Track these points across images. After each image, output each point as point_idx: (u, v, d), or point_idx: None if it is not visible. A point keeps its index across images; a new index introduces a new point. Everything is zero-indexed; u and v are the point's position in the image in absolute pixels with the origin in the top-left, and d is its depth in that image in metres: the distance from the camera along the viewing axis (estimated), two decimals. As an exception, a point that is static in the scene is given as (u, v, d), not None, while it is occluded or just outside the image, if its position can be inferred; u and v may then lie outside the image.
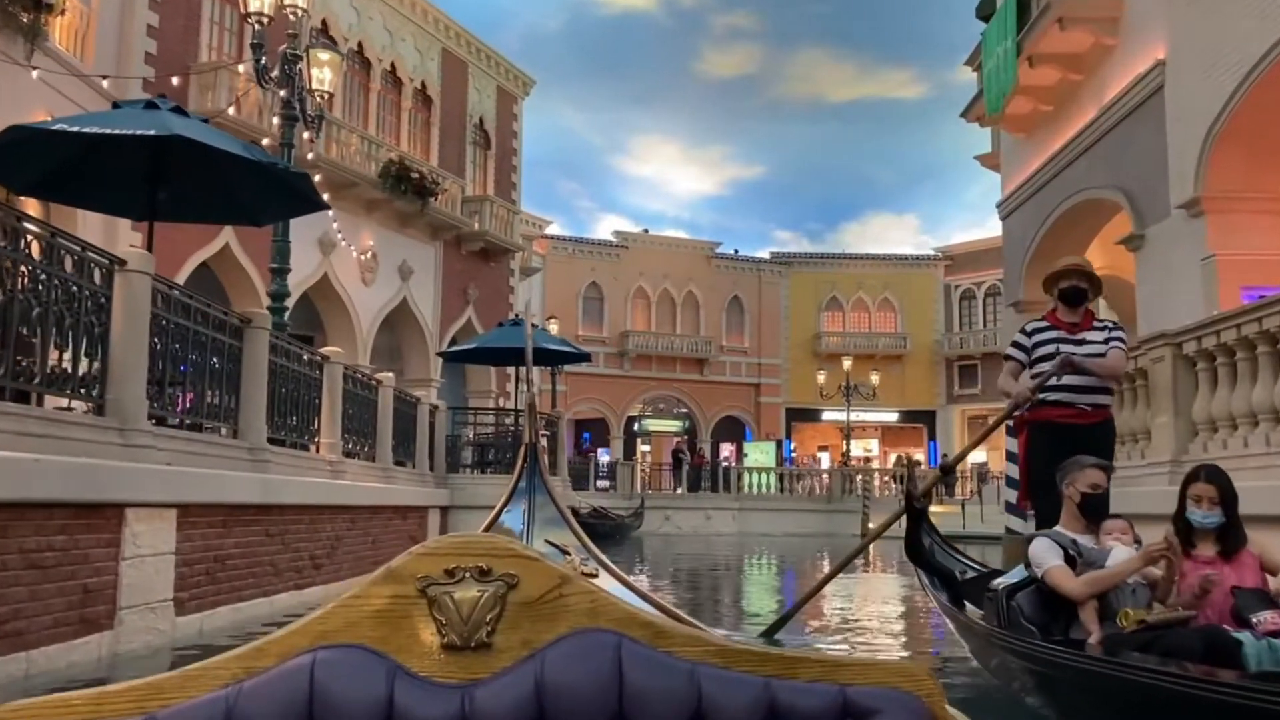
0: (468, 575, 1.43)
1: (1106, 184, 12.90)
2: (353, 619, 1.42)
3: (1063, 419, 5.01)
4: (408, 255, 22.61)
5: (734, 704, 1.42)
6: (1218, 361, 7.95)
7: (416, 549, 1.47)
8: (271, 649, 1.42)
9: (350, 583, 10.80)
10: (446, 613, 1.41)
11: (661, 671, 1.42)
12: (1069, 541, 3.81)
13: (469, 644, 1.42)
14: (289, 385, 9.34)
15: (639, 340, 40.26)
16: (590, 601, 1.46)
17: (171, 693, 1.39)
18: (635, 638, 1.45)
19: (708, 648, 1.47)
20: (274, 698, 1.37)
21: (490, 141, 26.24)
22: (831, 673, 1.46)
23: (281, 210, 8.52)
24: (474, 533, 1.63)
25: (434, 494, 14.43)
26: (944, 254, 45.78)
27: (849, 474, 35.34)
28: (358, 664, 1.39)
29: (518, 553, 1.46)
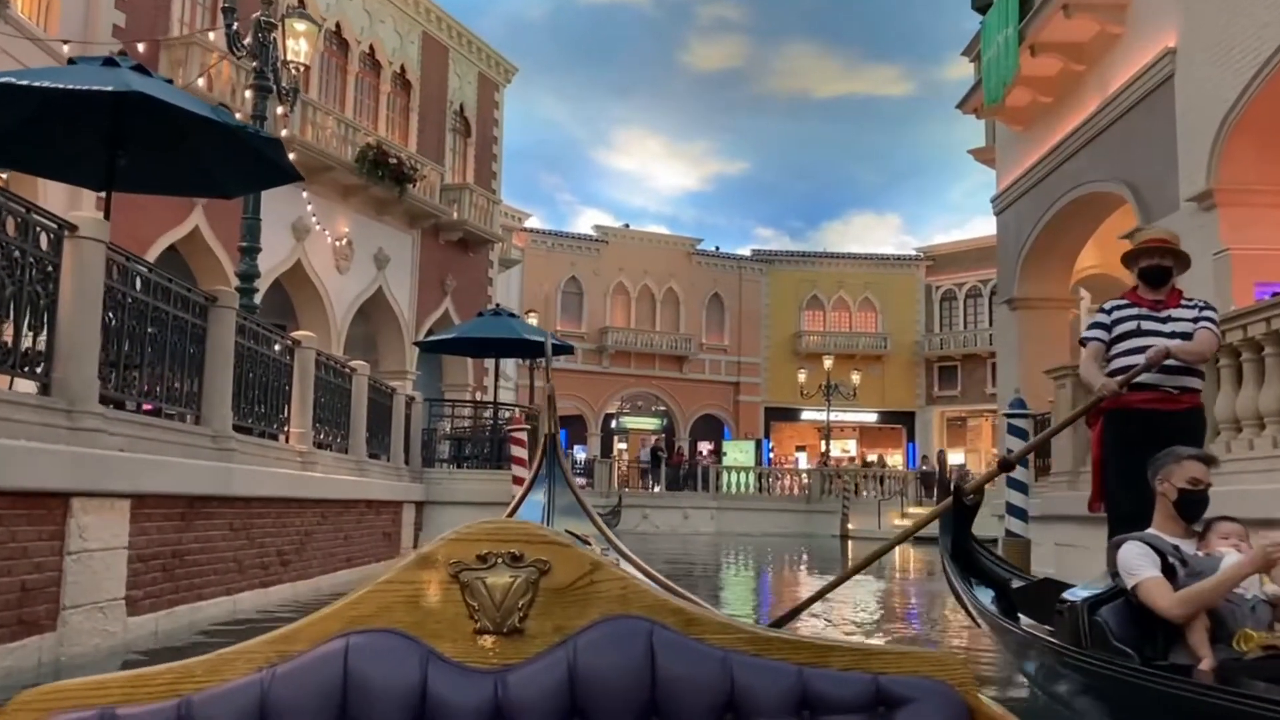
0: (500, 561, 1.42)
1: (1109, 177, 12.52)
2: (386, 603, 1.42)
3: (1146, 405, 4.48)
4: (384, 243, 22.00)
5: (767, 692, 1.40)
6: (1222, 364, 7.60)
7: (450, 534, 1.46)
8: (304, 633, 1.41)
9: (321, 580, 10.27)
10: (479, 598, 1.41)
11: (693, 658, 1.41)
12: (1169, 548, 3.25)
13: (501, 629, 1.42)
14: (257, 370, 8.78)
15: (618, 336, 39.76)
16: (621, 588, 1.45)
17: (204, 676, 1.38)
18: (667, 624, 1.43)
19: (739, 635, 1.46)
20: (308, 682, 1.36)
21: (471, 129, 25.64)
22: (864, 661, 1.45)
23: (251, 181, 7.95)
24: (505, 519, 1.64)
25: (410, 489, 13.87)
26: (925, 254, 45.58)
27: (829, 474, 35.01)
28: (391, 649, 1.39)
29: (550, 539, 1.46)
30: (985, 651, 7.30)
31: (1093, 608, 3.22)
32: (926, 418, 44.10)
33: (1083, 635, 3.24)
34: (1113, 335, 4.70)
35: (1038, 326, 15.38)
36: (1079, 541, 9.69)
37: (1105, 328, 4.76)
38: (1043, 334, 15.33)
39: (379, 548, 12.29)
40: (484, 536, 1.45)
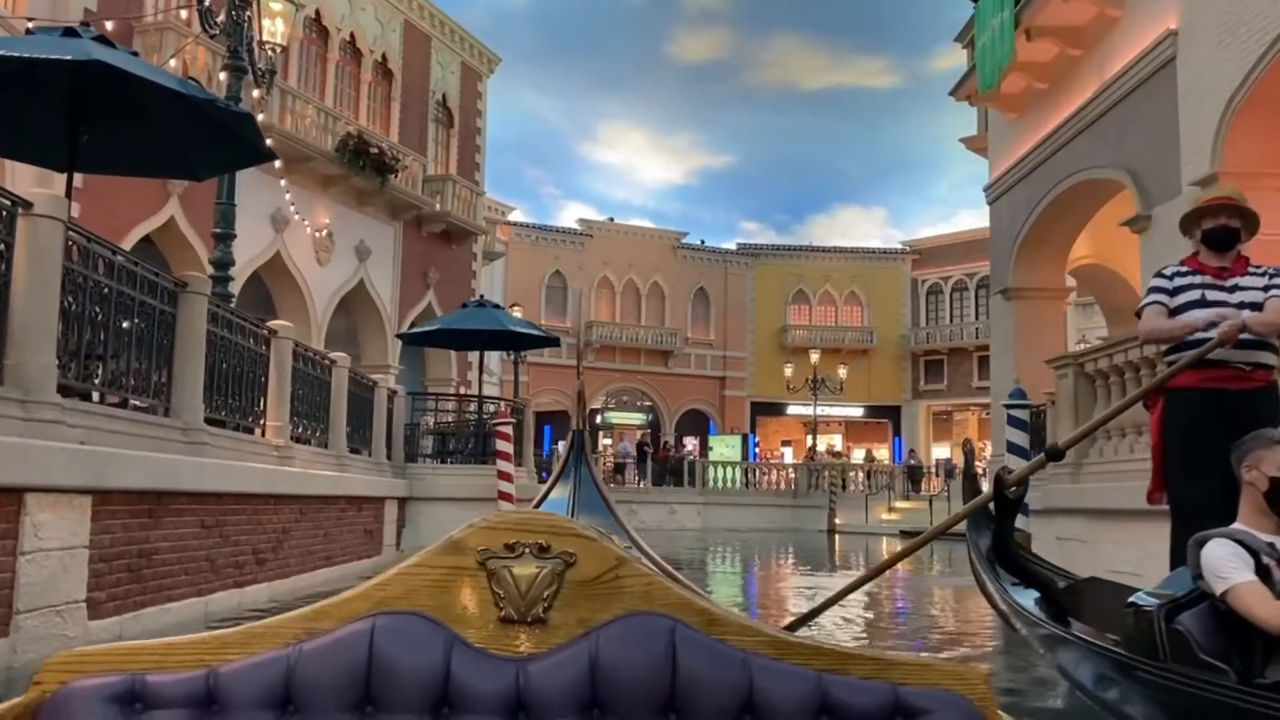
0: (527, 551, 1.43)
1: (1107, 163, 12.26)
2: (412, 586, 1.43)
3: (1214, 384, 4.00)
4: (365, 235, 21.57)
5: (786, 696, 1.40)
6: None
7: (479, 521, 1.47)
8: (332, 612, 1.43)
9: (299, 580, 9.90)
10: (505, 586, 1.42)
11: (714, 659, 1.41)
12: (1263, 546, 2.84)
13: (525, 618, 1.42)
14: (231, 360, 8.40)
15: (603, 331, 39.39)
16: (646, 585, 1.45)
17: (235, 648, 1.40)
18: (689, 623, 1.44)
19: (761, 638, 1.46)
20: (334, 659, 1.38)
21: (453, 120, 25.22)
22: (884, 670, 1.44)
23: (222, 160, 7.56)
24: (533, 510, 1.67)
25: (392, 484, 13.50)
26: (911, 248, 45.40)
27: (815, 469, 34.78)
28: (416, 631, 1.40)
29: (577, 532, 1.46)
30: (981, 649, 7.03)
31: (1170, 615, 2.83)
32: (912, 412, 43.95)
33: (1160, 646, 2.85)
34: (1174, 305, 4.23)
35: (1032, 317, 15.13)
36: (1082, 536, 9.43)
37: (1167, 293, 4.28)
38: (1037, 324, 15.08)
39: (360, 545, 11.93)
40: (512, 526, 1.45)
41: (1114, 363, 9.06)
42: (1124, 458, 8.85)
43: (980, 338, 42.05)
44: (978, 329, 42.38)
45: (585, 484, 4.12)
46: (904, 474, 36.19)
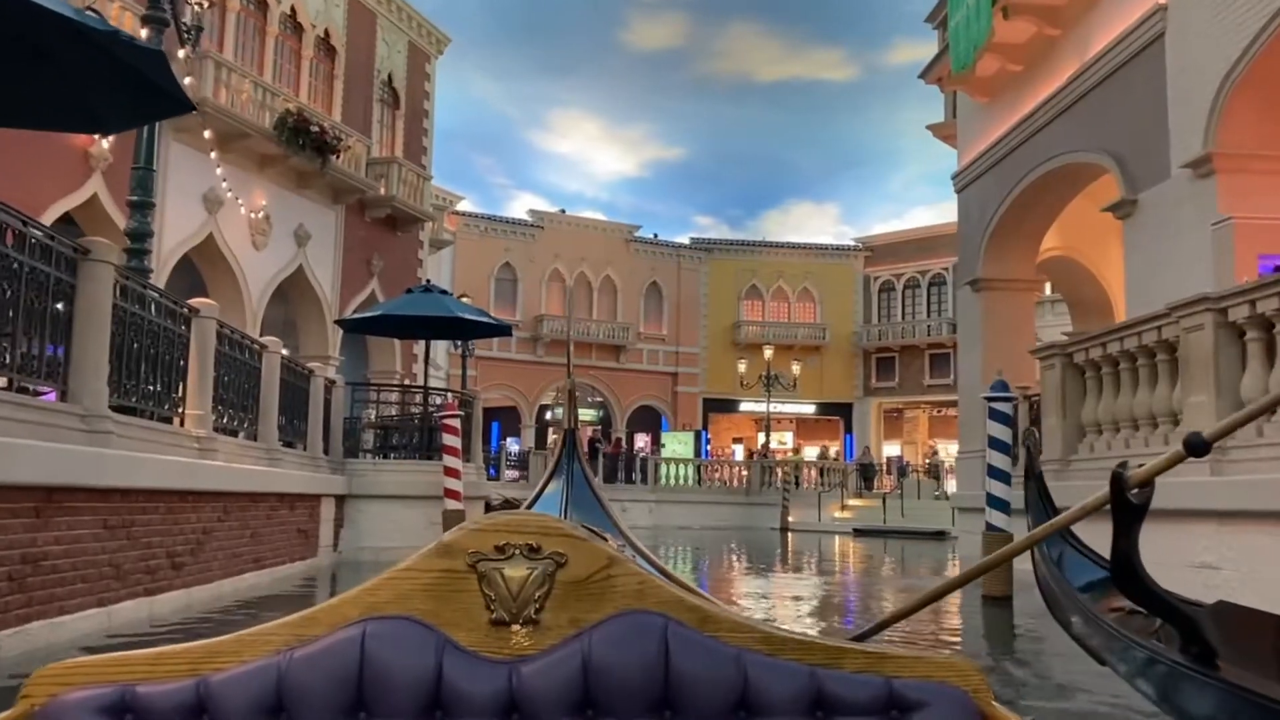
0: (518, 552, 1.42)
1: (1089, 147, 11.74)
2: (403, 591, 1.42)
3: None
4: (305, 218, 20.51)
5: (780, 691, 1.40)
6: (1249, 336, 6.78)
7: (469, 524, 1.45)
8: (322, 618, 1.41)
9: (223, 585, 9.00)
10: (496, 588, 1.41)
11: (707, 656, 1.41)
12: None
13: (517, 620, 1.41)
14: (144, 340, 7.49)
15: (554, 325, 38.54)
16: (638, 583, 1.45)
17: (225, 656, 1.39)
18: (682, 621, 1.43)
19: (753, 634, 1.45)
20: (325, 665, 1.37)
21: (400, 101, 24.20)
22: (877, 664, 1.44)
23: (133, 110, 6.63)
24: (524, 511, 1.68)
25: (329, 480, 12.59)
26: (864, 245, 45.16)
27: (768, 466, 34.28)
28: (408, 635, 1.39)
29: (567, 532, 1.46)
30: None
31: None
32: (864, 409, 43.71)
33: None
34: None
35: (1002, 308, 14.62)
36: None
37: None
38: (1007, 316, 14.58)
39: (294, 546, 11.03)
40: (502, 528, 1.44)
41: (1107, 352, 8.49)
42: (1119, 453, 8.28)
43: (932, 335, 41.98)
44: (929, 326, 42.28)
45: (578, 482, 4.06)
46: (856, 471, 35.86)
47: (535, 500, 4.14)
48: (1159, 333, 7.71)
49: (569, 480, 4.12)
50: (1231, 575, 6.77)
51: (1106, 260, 17.43)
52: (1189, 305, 7.23)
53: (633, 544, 3.74)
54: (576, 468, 4.18)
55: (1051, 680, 6.38)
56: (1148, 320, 7.87)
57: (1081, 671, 6.83)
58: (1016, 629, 8.86)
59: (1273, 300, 6.60)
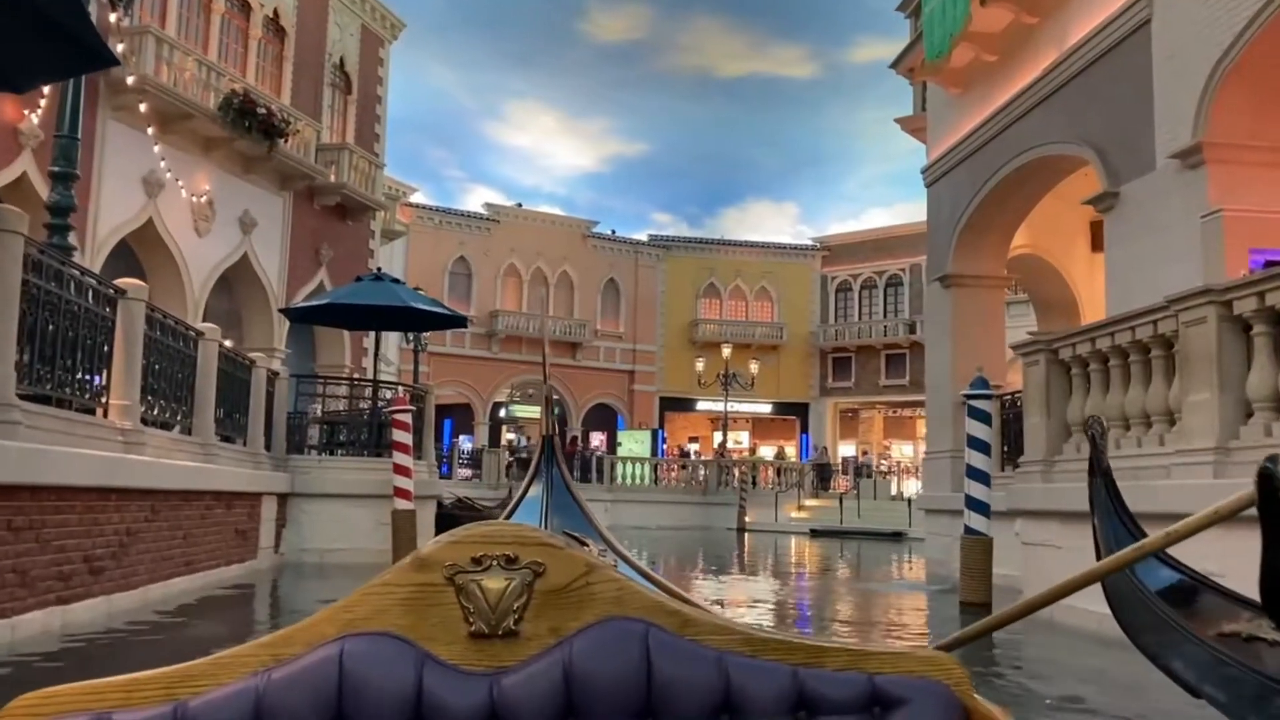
0: (495, 563, 1.41)
1: (1068, 138, 11.39)
2: (380, 606, 1.40)
3: None
4: (251, 205, 19.68)
5: (762, 693, 1.40)
6: (1255, 331, 6.39)
7: (445, 537, 1.43)
8: (299, 636, 1.39)
9: (150, 591, 8.30)
10: (474, 600, 1.39)
11: (689, 660, 1.40)
12: None
13: (496, 632, 1.40)
14: (60, 322, 6.79)
15: (509, 321, 37.86)
16: (617, 590, 1.43)
17: (201, 680, 1.37)
18: (662, 626, 1.43)
19: (734, 636, 1.44)
20: (303, 685, 1.35)
21: (352, 86, 23.39)
22: (859, 662, 1.44)
23: (48, 65, 5.96)
24: (501, 521, 1.71)
25: (271, 478, 11.88)
26: (822, 244, 44.98)
27: (725, 465, 33.90)
28: (386, 652, 1.37)
29: (544, 541, 1.44)
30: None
31: None
32: (820, 409, 43.52)
33: None
34: None
35: (972, 305, 14.27)
36: (1055, 541, 8.44)
37: None
38: (977, 313, 14.23)
39: (231, 548, 10.33)
40: (479, 539, 1.42)
41: (1096, 348, 8.08)
42: (1109, 454, 7.86)
43: (888, 336, 41.89)
44: (886, 327, 42.19)
45: (558, 487, 4.02)
46: (813, 471, 35.62)
47: (516, 506, 4.11)
48: (1154, 327, 7.31)
49: (549, 485, 4.04)
50: (1236, 585, 6.36)
51: (1073, 259, 17.20)
52: (1190, 298, 6.83)
53: (614, 548, 3.63)
54: (556, 473, 4.13)
55: (1036, 693, 5.96)
56: (1142, 314, 7.47)
57: (1070, 685, 6.42)
58: (995, 640, 8.46)
59: (1251, 300, 6.23)
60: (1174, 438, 7.12)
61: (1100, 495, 3.73)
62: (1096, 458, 3.81)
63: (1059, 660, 7.13)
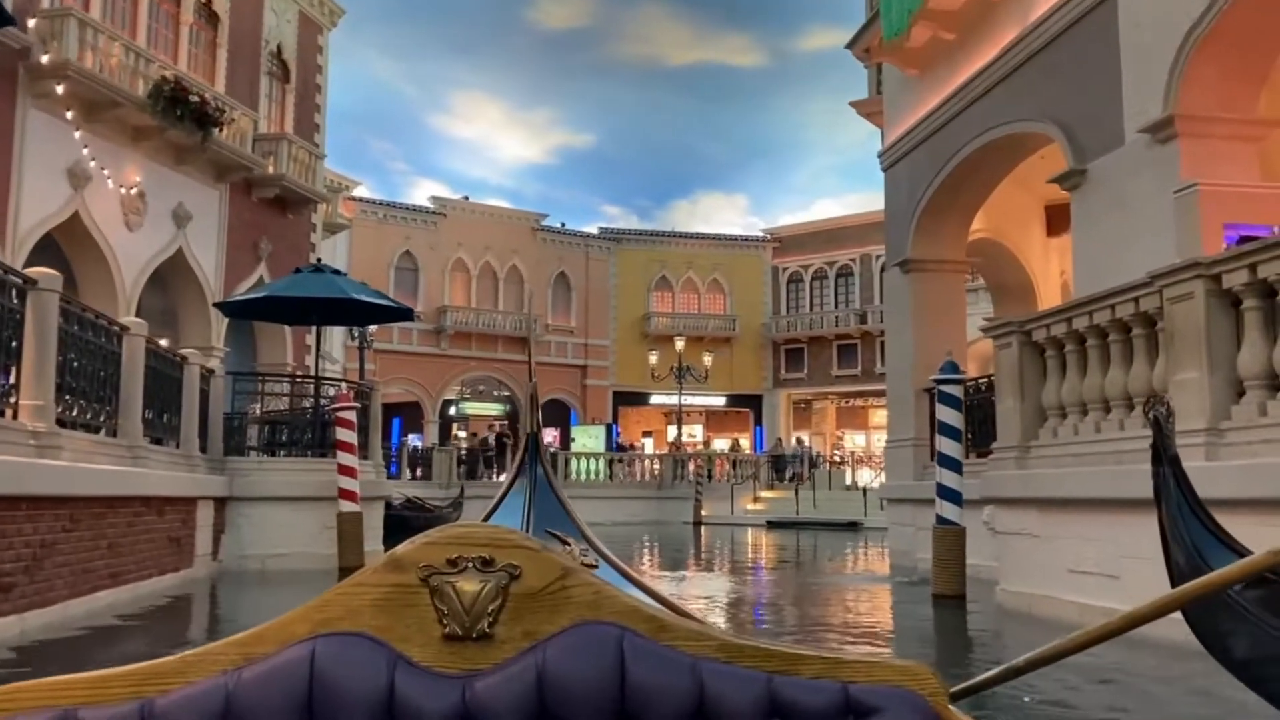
0: (470, 565, 1.39)
1: (1031, 116, 11.10)
2: (354, 607, 1.39)
3: None
4: (185, 197, 18.86)
5: (736, 699, 1.39)
6: (1246, 305, 6.09)
7: (420, 538, 1.41)
8: (270, 635, 1.37)
9: (70, 606, 7.63)
10: (449, 602, 1.38)
11: (664, 665, 1.39)
12: None
13: (470, 634, 1.38)
14: (-40, 315, 6.16)
15: (457, 316, 37.15)
16: (593, 593, 1.42)
17: (170, 677, 1.35)
18: (638, 631, 1.41)
19: (710, 643, 1.43)
20: (273, 685, 1.34)
21: (290, 74, 22.59)
22: (834, 670, 1.43)
23: (-68, 26, 5.36)
24: (477, 523, 1.64)
25: (207, 482, 11.23)
26: (772, 236, 44.82)
27: (681, 459, 33.56)
28: (358, 652, 1.36)
29: (521, 543, 1.43)
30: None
31: None
32: (774, 401, 43.39)
33: None
34: None
35: (933, 291, 13.98)
36: (1032, 530, 8.12)
37: None
38: (938, 299, 13.94)
39: (163, 557, 9.69)
40: (454, 540, 1.40)
41: (1073, 328, 7.77)
42: (1088, 438, 7.56)
43: (840, 326, 41.85)
44: (837, 317, 42.15)
45: (541, 487, 3.91)
46: (768, 463, 35.44)
47: (497, 506, 3.92)
48: (1136, 304, 7.00)
49: (533, 485, 3.91)
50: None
51: (1029, 243, 17.03)
52: (1176, 273, 6.52)
53: (597, 549, 3.55)
54: (540, 472, 4.02)
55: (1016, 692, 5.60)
56: (1123, 291, 7.16)
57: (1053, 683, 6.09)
58: (972, 632, 8.13)
59: (1242, 274, 5.93)
60: (1157, 420, 6.81)
61: (1170, 488, 3.33)
62: (1162, 443, 3.41)
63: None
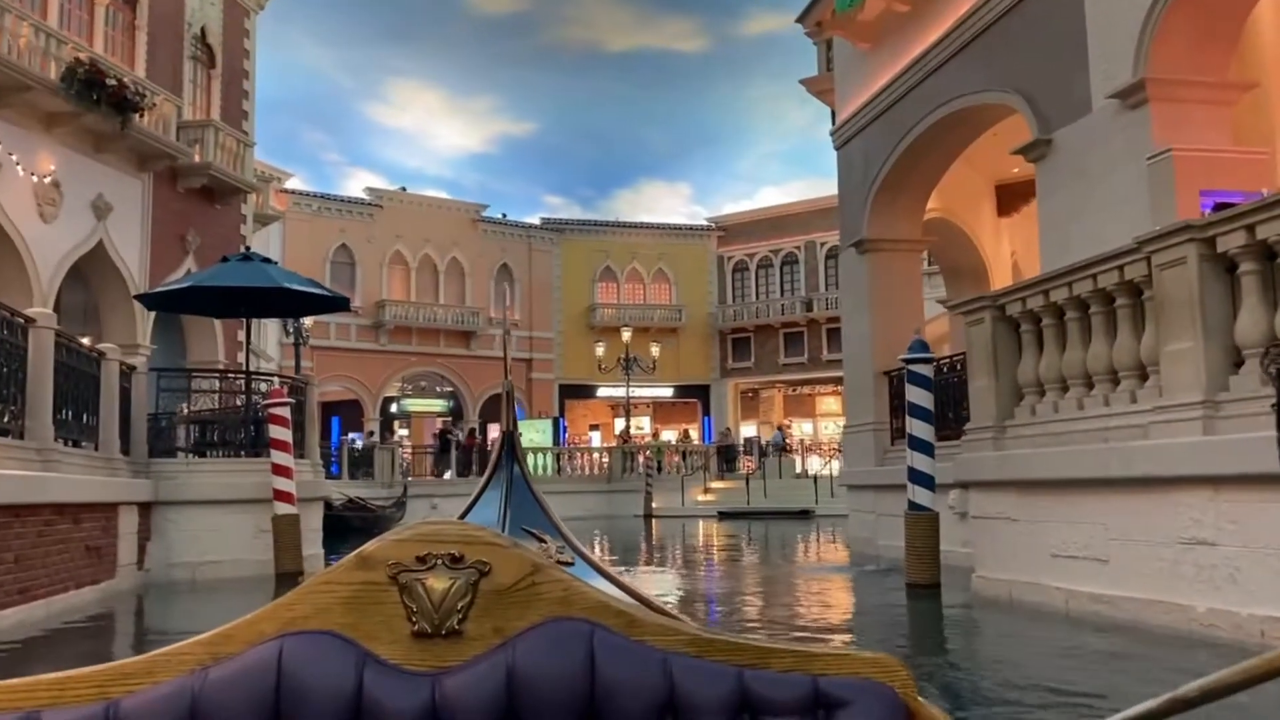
0: (440, 562, 1.38)
1: (992, 86, 10.75)
2: (322, 605, 1.38)
3: None
4: (105, 187, 17.84)
5: (706, 694, 1.39)
6: (1243, 269, 5.74)
7: (389, 535, 1.41)
8: (238, 635, 1.37)
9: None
10: (418, 600, 1.37)
11: (634, 661, 1.39)
12: None
13: (440, 632, 1.38)
14: None
15: (397, 311, 36.25)
16: (563, 590, 1.42)
17: (136, 677, 1.34)
18: (608, 626, 1.41)
19: (680, 637, 1.43)
20: (241, 684, 1.33)
21: (215, 59, 21.57)
22: (804, 663, 1.43)
23: None
24: (448, 519, 1.60)
25: (129, 486, 10.46)
26: (717, 224, 44.51)
27: (630, 451, 33.08)
28: (326, 651, 1.36)
29: (490, 540, 1.42)
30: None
31: None
32: (721, 390, 43.14)
33: None
34: None
35: (889, 271, 13.62)
36: (1011, 514, 7.74)
37: None
38: (895, 279, 13.59)
39: (81, 568, 8.94)
40: (423, 538, 1.40)
41: (1050, 300, 7.39)
42: (1070, 416, 7.19)
43: (786, 314, 41.68)
44: (783, 305, 41.98)
45: (518, 484, 3.97)
46: (718, 453, 35.11)
47: (473, 504, 3.94)
48: (1120, 273, 6.63)
49: (509, 483, 3.94)
50: (1231, 553, 5.71)
51: (980, 224, 16.78)
52: (1165, 237, 6.15)
53: (573, 545, 3.55)
54: (516, 470, 4.03)
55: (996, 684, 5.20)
56: (1105, 260, 6.79)
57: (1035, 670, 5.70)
58: (952, 622, 7.73)
59: (1239, 235, 5.58)
60: (1148, 393, 6.45)
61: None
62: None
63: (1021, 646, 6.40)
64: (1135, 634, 6.19)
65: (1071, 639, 6.37)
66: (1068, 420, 7.21)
